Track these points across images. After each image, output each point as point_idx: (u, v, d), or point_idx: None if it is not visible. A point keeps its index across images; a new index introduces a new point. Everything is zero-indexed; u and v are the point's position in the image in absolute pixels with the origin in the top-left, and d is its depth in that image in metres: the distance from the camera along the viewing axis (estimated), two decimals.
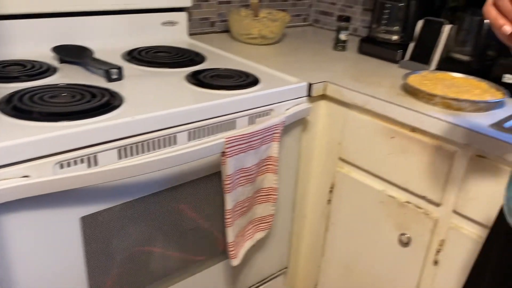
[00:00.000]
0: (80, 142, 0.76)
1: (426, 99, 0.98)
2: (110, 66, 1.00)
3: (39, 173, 0.73)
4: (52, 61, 1.08)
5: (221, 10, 1.53)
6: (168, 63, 1.13)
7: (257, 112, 1.01)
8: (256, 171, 1.00)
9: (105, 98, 0.87)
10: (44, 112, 0.79)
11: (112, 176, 0.78)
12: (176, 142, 0.89)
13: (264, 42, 1.43)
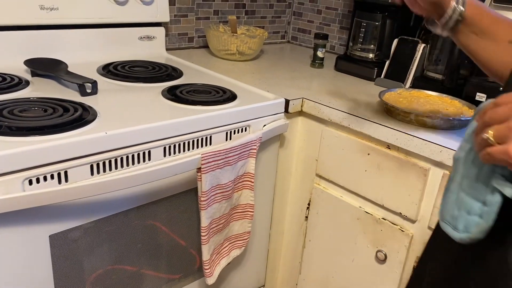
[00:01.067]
0: (50, 157, 0.74)
1: (402, 116, 1.00)
2: (84, 80, 0.99)
3: (6, 189, 0.70)
4: (24, 74, 1.05)
5: (199, 26, 1.53)
6: (144, 78, 1.12)
7: (234, 128, 1.00)
8: (233, 188, 0.98)
9: (78, 113, 0.85)
10: (13, 127, 0.77)
11: (83, 192, 0.76)
12: (151, 158, 0.87)
13: (242, 58, 1.44)
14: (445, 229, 0.55)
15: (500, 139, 0.44)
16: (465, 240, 0.52)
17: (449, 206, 0.55)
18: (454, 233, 0.53)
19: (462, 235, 0.52)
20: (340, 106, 1.08)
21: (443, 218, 0.56)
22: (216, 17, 1.56)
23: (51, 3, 1.13)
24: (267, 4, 1.71)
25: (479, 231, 0.50)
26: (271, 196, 1.18)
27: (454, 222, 0.53)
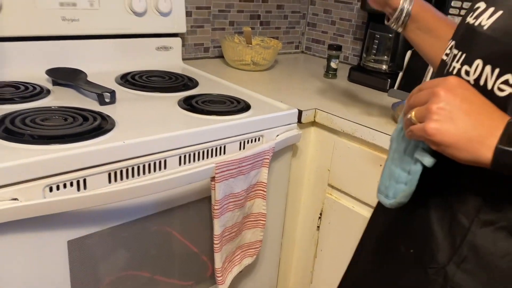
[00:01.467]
0: (70, 165, 0.77)
1: None
2: (103, 90, 1.02)
3: (28, 196, 0.73)
4: (45, 83, 1.09)
5: (215, 36, 1.56)
6: (161, 88, 1.14)
7: (248, 138, 1.02)
8: (245, 197, 1.00)
9: (97, 122, 0.88)
10: (35, 135, 0.80)
11: (101, 200, 0.78)
12: (166, 167, 0.89)
13: (256, 68, 1.46)
14: (379, 199, 0.64)
15: (420, 119, 0.52)
16: (394, 205, 0.61)
17: (383, 179, 0.64)
18: (385, 200, 0.62)
19: (391, 201, 0.61)
20: (353, 117, 1.09)
21: (379, 190, 0.65)
22: (232, 28, 1.59)
23: (72, 15, 1.16)
24: (282, 15, 1.73)
25: (404, 195, 0.59)
26: (283, 205, 1.19)
27: (386, 191, 0.62)
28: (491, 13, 0.55)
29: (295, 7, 1.76)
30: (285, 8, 1.73)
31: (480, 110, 0.50)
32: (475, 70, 0.54)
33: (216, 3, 1.52)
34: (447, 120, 0.50)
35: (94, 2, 1.19)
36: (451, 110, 0.50)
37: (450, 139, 0.50)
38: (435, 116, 0.50)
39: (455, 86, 0.51)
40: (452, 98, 0.50)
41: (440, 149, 0.51)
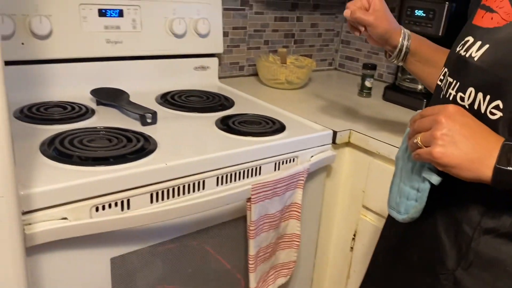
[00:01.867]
0: (115, 186, 0.81)
1: None
2: (145, 111, 1.06)
3: (76, 216, 0.77)
4: (90, 103, 1.14)
5: (250, 55, 1.59)
6: (199, 108, 1.18)
7: (283, 159, 1.04)
8: (280, 217, 1.02)
9: (140, 143, 0.91)
10: (83, 156, 0.84)
11: (144, 220, 0.82)
12: (205, 187, 0.92)
13: (290, 87, 1.48)
14: (391, 214, 0.71)
15: (426, 143, 0.59)
16: (406, 220, 0.67)
17: (393, 195, 0.71)
18: (398, 215, 0.69)
19: (403, 216, 0.68)
20: (389, 138, 1.09)
21: (389, 205, 0.72)
22: (266, 46, 1.62)
23: (116, 37, 1.22)
24: (316, 33, 1.75)
25: (416, 211, 0.66)
26: (316, 226, 1.20)
27: (398, 208, 0.69)
28: (479, 46, 0.62)
29: (329, 25, 1.77)
30: (319, 26, 1.75)
31: (478, 134, 0.57)
32: (469, 97, 0.62)
33: (252, 23, 1.55)
34: (451, 145, 0.56)
35: (137, 25, 1.25)
36: (453, 135, 0.57)
37: (454, 161, 0.56)
38: (440, 142, 0.57)
39: (455, 114, 0.58)
40: (452, 124, 0.57)
41: (446, 170, 0.58)
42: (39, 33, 1.09)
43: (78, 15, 1.16)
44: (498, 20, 0.61)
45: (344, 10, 0.90)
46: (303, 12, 1.68)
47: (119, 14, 1.21)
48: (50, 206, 0.74)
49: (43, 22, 1.09)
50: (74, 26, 1.16)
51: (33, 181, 0.74)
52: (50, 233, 0.73)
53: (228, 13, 1.48)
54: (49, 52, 1.13)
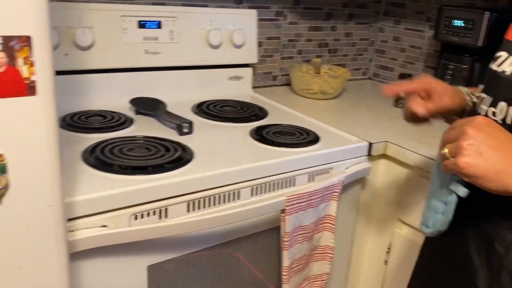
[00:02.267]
0: (154, 195, 0.83)
1: None
2: (182, 121, 1.08)
3: (116, 224, 0.79)
4: (129, 112, 1.17)
5: (284, 64, 1.60)
6: (233, 118, 1.19)
7: (317, 170, 1.04)
8: (314, 229, 1.01)
9: (178, 153, 0.93)
10: (123, 165, 0.86)
11: (180, 229, 0.83)
12: (240, 197, 0.93)
13: (324, 97, 1.47)
14: (421, 229, 0.69)
15: (453, 154, 0.58)
16: (433, 234, 0.67)
17: (424, 210, 0.70)
18: (426, 229, 0.68)
19: (431, 230, 0.67)
20: (426, 151, 1.07)
21: (421, 222, 0.70)
22: (300, 56, 1.63)
23: (154, 48, 1.25)
24: (350, 42, 1.74)
25: (442, 224, 0.66)
26: (350, 238, 1.19)
27: (426, 222, 0.69)
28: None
29: (364, 34, 1.76)
30: (354, 35, 1.74)
31: (506, 145, 0.56)
32: (501, 111, 0.62)
33: (286, 33, 1.56)
34: (476, 155, 0.56)
35: (174, 36, 1.27)
36: (479, 145, 0.56)
37: (480, 172, 0.55)
38: (465, 152, 0.56)
39: (482, 124, 0.57)
40: (479, 134, 0.56)
41: (472, 181, 0.57)
42: (82, 44, 1.14)
43: (118, 27, 1.19)
44: None
45: (414, 107, 0.77)
46: (337, 22, 1.67)
47: (157, 26, 1.25)
48: (91, 214, 0.76)
49: (86, 34, 1.14)
50: (115, 38, 1.19)
51: (76, 189, 0.77)
52: (91, 240, 0.75)
53: (262, 23, 1.49)
54: (91, 63, 1.17)
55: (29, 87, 0.51)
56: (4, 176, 0.52)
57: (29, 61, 0.49)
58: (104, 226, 0.78)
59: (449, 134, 0.61)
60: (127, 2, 1.24)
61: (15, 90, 0.50)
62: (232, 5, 1.42)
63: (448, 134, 0.61)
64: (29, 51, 0.49)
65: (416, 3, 1.63)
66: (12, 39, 0.48)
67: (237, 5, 1.43)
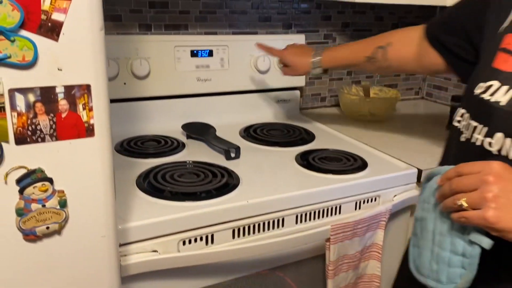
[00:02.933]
0: (201, 222, 0.86)
1: None
2: (229, 146, 1.12)
3: (165, 249, 0.83)
4: (181, 137, 1.23)
5: (332, 86, 1.60)
6: (279, 143, 1.21)
7: (364, 198, 1.03)
8: (360, 258, 1.00)
9: (224, 179, 0.97)
10: (173, 192, 0.91)
11: (226, 256, 0.86)
12: (284, 225, 0.95)
13: (374, 119, 1.46)
14: (426, 283, 0.63)
15: (474, 206, 0.54)
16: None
17: (425, 261, 0.63)
18: (439, 285, 0.61)
19: (448, 286, 0.60)
20: None
21: (420, 272, 0.65)
22: (349, 77, 1.62)
23: (206, 75, 1.31)
24: None
25: (465, 281, 0.58)
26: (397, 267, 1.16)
27: (436, 276, 0.61)
28: (506, 90, 0.60)
29: None
30: None
31: None
32: (497, 142, 0.60)
33: None
34: (506, 207, 0.52)
35: (224, 63, 1.33)
36: (508, 196, 0.52)
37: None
38: (493, 204, 0.52)
39: (503, 171, 0.54)
40: (504, 184, 0.53)
41: (500, 235, 0.53)
42: (139, 74, 1.21)
43: (173, 56, 1.26)
44: None
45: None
46: None
47: (208, 54, 1.30)
48: (143, 239, 0.81)
49: (143, 64, 1.21)
50: (169, 66, 1.26)
51: (129, 214, 0.82)
52: (142, 265, 0.79)
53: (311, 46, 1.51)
54: (147, 91, 1.25)
55: (88, 129, 0.56)
56: (65, 210, 0.57)
57: (88, 106, 0.55)
58: (155, 251, 0.82)
59: (461, 182, 0.56)
60: (181, 33, 1.31)
61: (76, 133, 0.56)
62: (281, 31, 1.45)
63: (461, 182, 0.56)
64: (88, 98, 0.55)
65: None
66: (74, 88, 0.53)
67: (285, 30, 1.46)
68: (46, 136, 0.54)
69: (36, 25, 0.50)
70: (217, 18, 1.35)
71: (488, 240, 0.56)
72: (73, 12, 0.51)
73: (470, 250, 0.57)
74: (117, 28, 1.24)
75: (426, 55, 0.92)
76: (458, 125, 0.70)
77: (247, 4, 1.38)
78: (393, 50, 1.00)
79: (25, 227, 0.55)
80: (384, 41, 1.02)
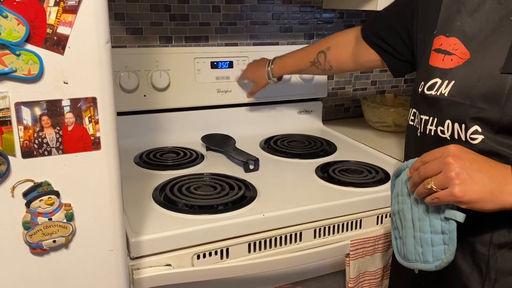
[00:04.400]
0: (216, 235, 0.84)
1: None
2: (248, 158, 1.10)
3: (179, 263, 0.82)
4: (201, 148, 1.22)
5: (356, 96, 1.57)
6: (300, 154, 1.19)
7: (385, 212, 0.99)
8: (382, 275, 0.96)
9: (241, 191, 0.95)
10: (189, 204, 0.90)
11: (241, 271, 0.84)
12: (302, 239, 0.92)
13: (399, 129, 1.41)
14: (416, 267, 0.68)
15: (441, 186, 0.61)
16: (442, 265, 0.65)
17: (410, 248, 0.69)
18: (427, 265, 0.66)
19: (437, 263, 0.65)
20: None
21: (408, 260, 0.70)
22: (374, 87, 1.58)
23: (226, 87, 1.30)
24: None
25: (449, 254, 0.64)
26: None
27: (422, 258, 0.67)
28: (447, 84, 0.70)
29: None
30: None
31: (486, 165, 0.61)
32: (447, 129, 0.69)
33: None
34: (468, 181, 0.59)
35: None
36: (467, 172, 0.59)
37: (477, 195, 0.59)
38: (457, 181, 0.59)
39: (459, 152, 0.61)
40: (462, 162, 0.60)
41: (469, 206, 0.60)
42: (159, 86, 1.22)
43: (193, 68, 1.26)
44: (457, 60, 0.70)
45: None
46: None
47: (229, 66, 1.30)
48: (156, 253, 0.80)
49: (163, 76, 1.22)
50: (189, 78, 1.26)
51: (143, 227, 0.81)
52: (156, 279, 0.78)
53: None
54: (167, 102, 1.25)
55: (94, 142, 0.56)
56: (72, 223, 0.57)
57: (94, 119, 0.54)
58: (168, 265, 0.81)
59: (426, 168, 0.63)
60: (201, 44, 1.32)
61: (82, 146, 0.55)
62: (302, 41, 1.44)
63: (427, 168, 0.63)
64: (94, 110, 0.54)
65: None
66: (79, 101, 0.53)
67: (307, 40, 1.44)
68: (53, 149, 0.54)
69: (41, 39, 0.50)
70: (237, 29, 1.35)
71: (460, 214, 0.62)
72: (79, 25, 0.52)
73: (447, 227, 0.63)
74: (138, 41, 1.26)
75: (363, 53, 1.02)
76: (412, 123, 0.79)
77: (267, 15, 1.37)
78: (332, 53, 1.09)
79: (32, 240, 0.55)
80: (325, 46, 1.10)
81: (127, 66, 1.19)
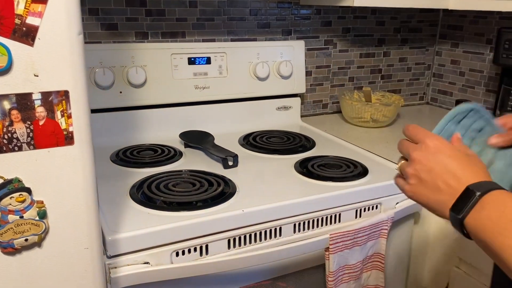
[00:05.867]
0: (195, 232, 0.83)
1: None
2: (227, 154, 1.09)
3: (157, 260, 0.80)
4: (179, 145, 1.21)
5: (334, 92, 1.57)
6: (279, 150, 1.19)
7: (365, 206, 1.00)
8: (361, 268, 0.97)
9: (220, 188, 0.94)
10: (167, 201, 0.88)
11: (221, 267, 0.83)
12: (282, 234, 0.92)
13: (376, 125, 1.43)
14: None
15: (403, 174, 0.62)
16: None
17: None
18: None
19: None
20: None
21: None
22: (351, 83, 1.60)
23: (204, 83, 1.29)
24: (405, 67, 1.68)
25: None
26: (403, 277, 1.12)
27: None
28: None
29: (419, 58, 1.70)
30: (408, 60, 1.68)
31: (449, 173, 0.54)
32: None
33: (336, 61, 1.54)
34: (419, 186, 0.57)
35: (223, 71, 1.31)
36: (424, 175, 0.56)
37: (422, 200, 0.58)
38: (411, 181, 0.58)
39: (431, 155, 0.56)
40: (425, 162, 0.56)
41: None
42: (135, 82, 1.20)
43: (170, 64, 1.25)
44: None
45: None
46: (390, 47, 1.63)
47: (206, 62, 1.29)
48: (134, 250, 0.79)
49: (139, 72, 1.20)
50: (166, 74, 1.25)
51: (120, 225, 0.80)
52: (134, 277, 0.77)
53: (311, 53, 1.49)
54: (144, 99, 1.23)
55: (67, 137, 0.54)
56: (44, 221, 0.55)
57: (67, 113, 0.53)
58: (146, 263, 0.80)
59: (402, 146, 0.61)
60: (178, 40, 1.30)
61: (54, 141, 0.54)
62: (280, 37, 1.44)
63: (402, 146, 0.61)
64: (67, 104, 0.53)
65: (475, 24, 1.54)
66: (51, 94, 0.51)
67: (285, 37, 1.44)
68: (23, 145, 0.52)
69: (9, 29, 0.48)
70: (215, 25, 1.34)
71: None
72: (49, 16, 0.50)
73: None
74: (113, 36, 1.23)
75: None
76: None
77: (245, 10, 1.37)
78: None
79: (3, 239, 0.53)
80: None
81: (102, 62, 1.17)
